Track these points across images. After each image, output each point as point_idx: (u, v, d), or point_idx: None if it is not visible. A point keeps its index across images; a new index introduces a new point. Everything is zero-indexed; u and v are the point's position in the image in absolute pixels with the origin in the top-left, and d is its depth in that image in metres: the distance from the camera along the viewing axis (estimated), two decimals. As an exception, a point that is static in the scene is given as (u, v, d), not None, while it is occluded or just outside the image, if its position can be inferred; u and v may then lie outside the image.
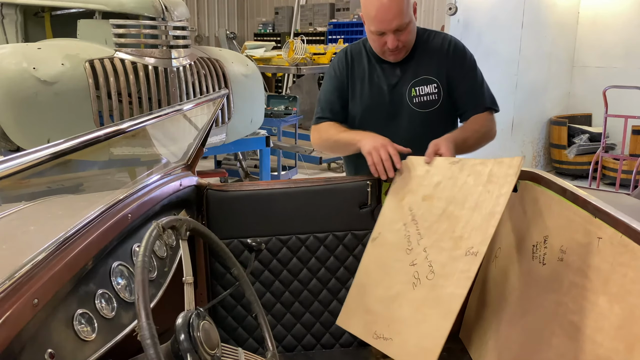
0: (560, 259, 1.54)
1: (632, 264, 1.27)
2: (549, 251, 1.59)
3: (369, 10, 1.81)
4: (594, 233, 1.42)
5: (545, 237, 1.62)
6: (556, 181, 1.64)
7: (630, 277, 1.27)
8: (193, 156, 1.95)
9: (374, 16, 1.79)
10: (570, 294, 1.47)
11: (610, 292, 1.33)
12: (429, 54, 1.97)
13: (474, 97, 2.01)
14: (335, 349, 2.00)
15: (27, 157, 1.00)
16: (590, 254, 1.43)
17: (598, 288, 1.37)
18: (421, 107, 1.98)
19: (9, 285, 0.95)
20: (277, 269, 1.95)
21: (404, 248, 1.79)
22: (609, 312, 1.32)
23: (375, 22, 1.81)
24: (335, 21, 8.88)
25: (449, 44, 2.00)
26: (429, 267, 1.74)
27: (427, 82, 1.96)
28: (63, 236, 1.14)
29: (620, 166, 5.34)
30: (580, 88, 6.36)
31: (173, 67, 3.66)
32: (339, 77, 2.04)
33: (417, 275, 1.74)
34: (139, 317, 0.93)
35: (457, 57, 2.00)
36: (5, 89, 3.02)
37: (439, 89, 1.97)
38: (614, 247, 1.34)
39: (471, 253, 1.68)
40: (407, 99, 1.97)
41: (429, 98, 1.97)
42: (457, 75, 1.98)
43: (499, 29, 5.22)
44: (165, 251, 1.48)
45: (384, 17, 1.77)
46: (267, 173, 5.06)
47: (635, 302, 1.25)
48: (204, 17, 10.78)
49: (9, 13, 4.21)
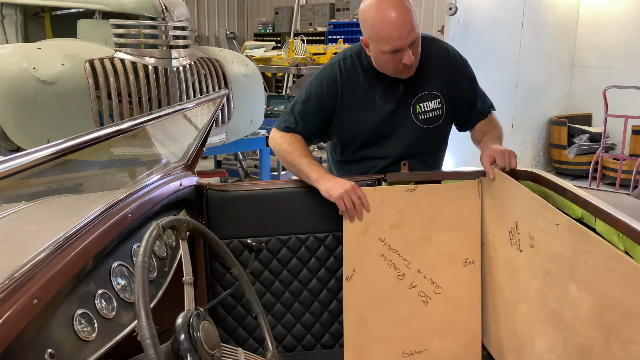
0: (531, 245, 1.56)
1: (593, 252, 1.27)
2: (522, 237, 1.61)
3: (381, 31, 1.69)
4: (551, 219, 1.42)
5: (516, 223, 1.63)
6: (556, 181, 1.64)
7: (593, 265, 1.28)
8: (193, 156, 1.94)
9: (389, 35, 1.68)
10: (547, 281, 1.48)
11: (578, 279, 1.34)
12: (430, 68, 1.90)
13: (478, 106, 2.00)
14: (335, 349, 2.00)
15: (27, 157, 1.00)
16: (553, 240, 1.43)
17: (567, 276, 1.37)
18: (426, 123, 1.93)
19: (9, 285, 0.94)
20: (277, 269, 1.95)
21: (394, 276, 1.84)
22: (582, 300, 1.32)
23: (390, 41, 1.69)
24: (335, 21, 8.87)
25: (449, 55, 1.94)
26: (432, 284, 1.85)
27: (432, 98, 1.91)
28: (63, 236, 1.14)
29: (620, 166, 5.34)
30: (580, 88, 6.36)
31: (173, 67, 3.66)
32: (327, 98, 1.90)
33: (424, 294, 1.85)
34: (139, 317, 0.93)
35: (459, 69, 1.96)
36: (5, 89, 3.02)
37: (442, 104, 1.92)
38: (572, 234, 1.35)
39: (469, 263, 1.86)
40: (412, 116, 1.91)
41: (434, 114, 1.93)
42: (461, 88, 1.95)
43: (499, 29, 5.22)
44: (165, 251, 1.48)
45: (400, 33, 1.68)
46: (267, 173, 5.06)
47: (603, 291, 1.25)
48: (204, 17, 10.78)
49: (9, 13, 4.20)
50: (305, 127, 1.93)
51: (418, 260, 1.84)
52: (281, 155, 1.94)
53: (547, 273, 1.47)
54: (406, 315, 1.85)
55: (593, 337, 1.28)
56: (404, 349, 1.86)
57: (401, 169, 1.93)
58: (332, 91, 1.89)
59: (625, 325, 1.19)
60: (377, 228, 1.82)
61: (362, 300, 1.85)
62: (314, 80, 1.94)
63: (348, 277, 1.84)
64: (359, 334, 1.86)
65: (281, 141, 1.93)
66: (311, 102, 1.91)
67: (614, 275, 1.22)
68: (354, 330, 1.86)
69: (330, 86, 1.89)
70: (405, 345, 1.86)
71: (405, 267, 1.84)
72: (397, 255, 1.83)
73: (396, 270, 1.84)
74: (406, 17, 1.67)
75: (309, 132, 1.94)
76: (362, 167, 1.99)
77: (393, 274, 1.84)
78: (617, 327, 1.21)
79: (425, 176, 1.90)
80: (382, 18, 1.68)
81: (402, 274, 1.84)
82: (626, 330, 1.19)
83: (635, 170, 4.85)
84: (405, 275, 1.84)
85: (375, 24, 1.70)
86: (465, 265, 1.85)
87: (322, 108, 1.91)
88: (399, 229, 1.83)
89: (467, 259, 1.86)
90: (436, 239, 1.84)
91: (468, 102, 1.98)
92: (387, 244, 1.83)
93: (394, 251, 1.83)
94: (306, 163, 1.86)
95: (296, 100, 1.96)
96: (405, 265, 1.84)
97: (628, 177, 5.21)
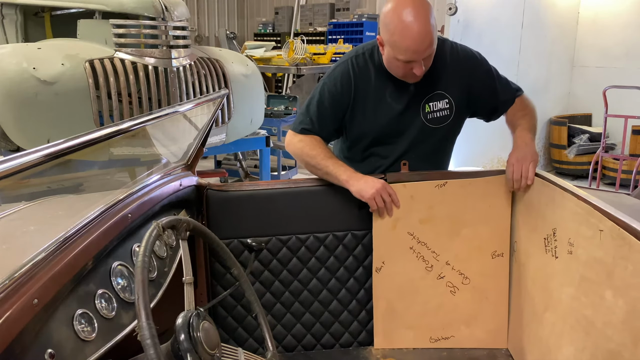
0: (569, 252, 1.55)
1: (631, 257, 1.27)
2: (559, 244, 1.61)
3: (400, 40, 1.68)
4: (595, 225, 1.42)
5: (554, 230, 1.64)
6: (556, 181, 1.64)
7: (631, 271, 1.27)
8: (193, 156, 1.94)
9: (407, 47, 1.67)
10: (581, 287, 1.48)
11: (614, 285, 1.33)
12: (441, 69, 1.88)
13: (500, 96, 1.97)
14: (335, 349, 2.00)
15: (27, 157, 1.00)
16: (594, 247, 1.43)
17: (604, 281, 1.37)
18: (434, 123, 1.93)
19: (9, 285, 0.94)
20: (277, 269, 1.95)
21: (423, 267, 1.93)
22: (615, 306, 1.32)
23: (407, 53, 1.69)
24: (335, 21, 8.86)
25: (459, 55, 1.91)
26: (460, 275, 1.93)
27: (440, 98, 1.91)
28: (63, 236, 1.14)
29: (620, 166, 5.34)
30: (580, 88, 6.35)
31: (173, 67, 3.66)
32: (342, 96, 1.90)
33: (452, 284, 1.93)
34: (139, 317, 0.93)
35: (472, 67, 1.93)
36: (5, 89, 3.02)
37: (450, 104, 1.92)
38: (614, 240, 1.35)
39: (497, 255, 1.92)
40: (422, 116, 1.91)
41: (442, 114, 1.92)
42: (476, 84, 1.92)
43: (499, 29, 5.22)
44: (165, 251, 1.48)
45: (418, 47, 1.67)
46: (267, 173, 5.06)
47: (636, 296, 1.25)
48: (204, 17, 10.77)
49: (9, 13, 4.20)
50: (322, 127, 1.92)
51: (446, 253, 1.91)
52: (303, 159, 1.94)
53: (584, 279, 1.47)
54: (435, 305, 1.93)
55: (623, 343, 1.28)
56: (431, 335, 1.95)
57: (401, 168, 1.93)
58: (346, 89, 1.88)
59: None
60: (406, 223, 1.88)
61: (391, 290, 1.93)
62: (326, 79, 1.93)
63: (377, 269, 1.92)
64: (389, 321, 1.94)
65: (301, 145, 1.92)
66: (326, 101, 1.90)
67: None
68: (384, 319, 1.94)
69: (345, 84, 1.88)
70: (433, 332, 1.95)
71: (434, 259, 1.91)
72: (426, 248, 1.90)
73: (424, 262, 1.91)
74: (427, 31, 1.66)
75: (327, 131, 1.94)
76: (368, 166, 1.99)
77: (421, 265, 1.91)
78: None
79: (425, 176, 1.90)
80: (404, 28, 1.66)
81: (430, 265, 1.91)
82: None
83: (635, 170, 4.85)
84: (433, 267, 1.92)
85: (396, 32, 1.68)
86: (493, 258, 1.91)
87: (337, 106, 1.90)
88: (428, 224, 1.89)
89: (495, 251, 1.91)
90: (465, 233, 1.90)
91: (489, 95, 1.96)
92: (416, 237, 1.90)
93: (423, 244, 1.90)
94: (332, 165, 1.87)
95: (310, 101, 1.94)
96: (434, 258, 1.91)
97: (628, 177, 5.21)
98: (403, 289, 1.93)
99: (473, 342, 1.94)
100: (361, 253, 1.96)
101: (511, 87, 2.01)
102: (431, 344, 1.95)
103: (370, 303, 1.98)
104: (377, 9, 8.99)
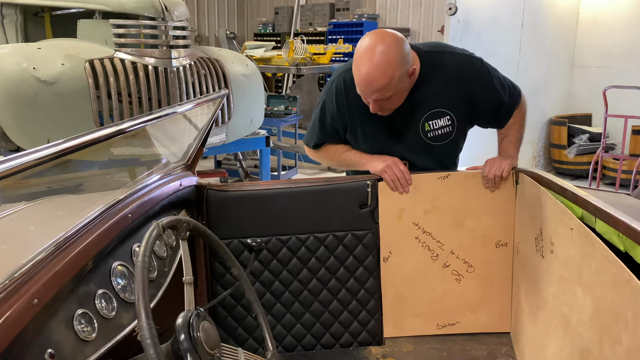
0: (551, 251, 1.58)
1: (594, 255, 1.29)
2: (545, 243, 1.64)
3: (355, 69, 1.68)
4: (567, 223, 1.43)
5: (541, 229, 1.66)
6: (556, 181, 1.65)
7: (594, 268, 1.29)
8: (193, 156, 1.94)
9: (357, 83, 1.69)
10: (560, 286, 1.50)
11: (583, 282, 1.35)
12: (441, 84, 1.82)
13: (502, 108, 1.93)
14: (335, 349, 2.00)
15: (27, 157, 1.00)
16: (567, 245, 1.45)
17: (576, 279, 1.39)
18: (436, 140, 1.90)
19: (9, 285, 0.94)
20: (277, 269, 1.95)
21: (428, 256, 1.98)
22: (585, 303, 1.34)
23: (359, 89, 1.70)
24: (335, 21, 8.86)
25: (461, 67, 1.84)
26: (465, 264, 1.99)
27: (440, 115, 1.86)
28: (63, 236, 1.14)
29: (620, 166, 5.34)
30: (580, 88, 6.35)
31: (173, 67, 3.66)
32: (339, 113, 1.91)
33: (457, 272, 1.99)
34: (139, 317, 0.93)
35: (474, 79, 1.85)
36: (5, 89, 3.02)
37: (452, 121, 1.87)
38: (581, 238, 1.36)
39: (501, 244, 1.97)
40: (421, 134, 1.89)
41: (444, 131, 1.89)
42: (478, 97, 1.88)
43: (499, 29, 5.22)
44: (165, 251, 1.48)
45: (364, 89, 1.68)
46: (267, 173, 5.06)
47: (600, 293, 1.26)
48: (204, 17, 10.77)
49: (9, 13, 4.20)
50: (330, 140, 2.03)
51: (451, 242, 1.96)
52: (327, 163, 2.15)
53: (562, 278, 1.49)
54: (441, 292, 1.99)
55: (591, 339, 1.29)
56: (438, 322, 2.02)
57: None
58: (341, 106, 1.90)
59: (613, 326, 1.20)
60: (411, 213, 1.93)
61: (399, 278, 1.98)
62: (325, 95, 1.95)
63: (385, 259, 1.97)
64: (397, 309, 2.00)
65: (318, 155, 2.10)
66: (326, 119, 1.97)
67: (607, 277, 1.22)
68: (392, 306, 2.00)
69: (339, 102, 1.90)
70: (440, 319, 2.02)
71: (439, 248, 1.96)
72: (431, 237, 1.95)
73: (430, 252, 1.97)
74: (377, 76, 1.62)
75: (336, 141, 2.03)
76: None
77: (427, 254, 1.97)
78: (608, 329, 1.22)
79: None
80: (357, 65, 1.67)
81: (435, 254, 1.97)
82: (614, 331, 1.19)
83: (635, 170, 4.85)
84: (439, 256, 1.97)
85: (357, 61, 1.68)
86: (497, 247, 1.97)
87: (336, 122, 1.96)
88: (433, 214, 1.94)
89: (499, 241, 1.97)
90: (469, 223, 1.95)
91: (493, 107, 1.92)
92: (421, 228, 1.95)
93: (428, 234, 1.95)
94: (353, 155, 1.98)
95: (314, 118, 2.02)
96: (439, 247, 1.96)
97: (628, 177, 5.21)
98: (410, 278, 1.98)
99: (478, 327, 2.01)
100: (361, 253, 1.96)
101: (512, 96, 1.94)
102: (438, 330, 2.01)
103: (370, 303, 1.98)
104: (377, 9, 8.99)
